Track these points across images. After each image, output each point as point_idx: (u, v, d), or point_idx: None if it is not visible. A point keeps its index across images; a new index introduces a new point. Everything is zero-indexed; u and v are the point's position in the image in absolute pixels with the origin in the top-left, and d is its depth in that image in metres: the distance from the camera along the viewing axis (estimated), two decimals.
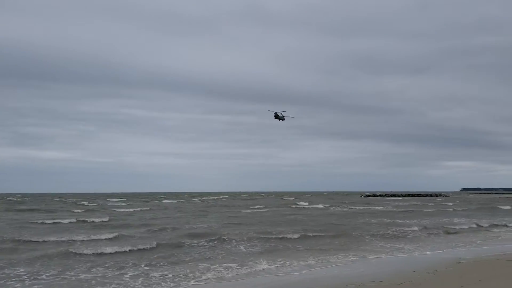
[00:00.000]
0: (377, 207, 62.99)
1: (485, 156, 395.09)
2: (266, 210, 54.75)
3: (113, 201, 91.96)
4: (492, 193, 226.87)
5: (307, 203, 75.58)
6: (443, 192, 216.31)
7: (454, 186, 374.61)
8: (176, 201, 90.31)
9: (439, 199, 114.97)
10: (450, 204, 75.39)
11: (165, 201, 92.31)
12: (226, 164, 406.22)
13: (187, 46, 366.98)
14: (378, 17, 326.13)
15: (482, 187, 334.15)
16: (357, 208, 61.85)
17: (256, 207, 62.10)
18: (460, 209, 57.51)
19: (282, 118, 30.66)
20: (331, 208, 62.00)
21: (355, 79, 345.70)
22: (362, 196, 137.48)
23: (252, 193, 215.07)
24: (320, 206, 66.48)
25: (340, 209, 59.57)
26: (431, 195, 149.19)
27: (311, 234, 24.97)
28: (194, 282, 13.75)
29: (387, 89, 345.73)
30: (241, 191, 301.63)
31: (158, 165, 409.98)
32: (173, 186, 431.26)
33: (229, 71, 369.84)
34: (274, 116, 30.64)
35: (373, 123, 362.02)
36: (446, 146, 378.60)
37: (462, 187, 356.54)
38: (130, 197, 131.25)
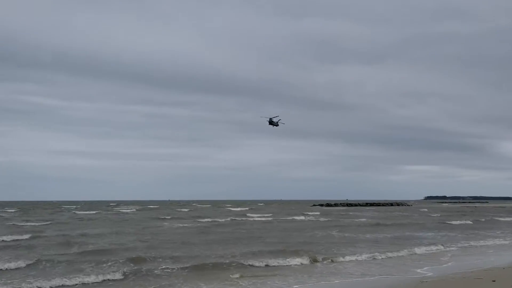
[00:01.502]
0: (340, 219, 65.02)
1: (449, 160, 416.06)
2: (207, 223, 54.96)
3: (8, 212, 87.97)
4: (459, 202, 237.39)
5: (254, 214, 76.56)
6: (406, 200, 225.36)
7: (417, 194, 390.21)
8: (89, 212, 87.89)
9: (423, 210, 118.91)
10: (435, 215, 78.36)
11: (77, 212, 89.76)
12: (148, 166, 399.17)
13: (104, 22, 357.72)
14: None
15: (448, 195, 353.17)
16: (317, 220, 63.54)
17: (198, 220, 62.05)
18: (446, 221, 59.15)
19: (276, 124, 33.32)
20: (279, 221, 63.17)
21: (307, 67, 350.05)
22: (319, 205, 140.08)
23: (184, 203, 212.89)
24: (270, 218, 67.64)
25: (297, 219, 60.93)
26: (391, 204, 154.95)
27: (249, 263, 23.51)
28: None
29: (343, 80, 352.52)
30: (169, 199, 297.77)
31: (62, 166, 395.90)
32: (83, 193, 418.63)
33: (154, 52, 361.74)
34: (269, 122, 33.09)
35: (326, 120, 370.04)
36: (408, 148, 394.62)
37: (426, 195, 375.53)
38: (29, 207, 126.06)
